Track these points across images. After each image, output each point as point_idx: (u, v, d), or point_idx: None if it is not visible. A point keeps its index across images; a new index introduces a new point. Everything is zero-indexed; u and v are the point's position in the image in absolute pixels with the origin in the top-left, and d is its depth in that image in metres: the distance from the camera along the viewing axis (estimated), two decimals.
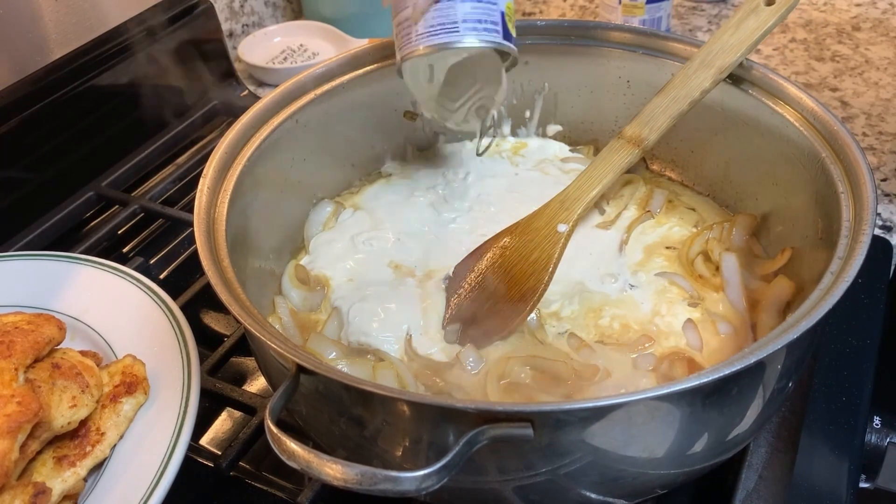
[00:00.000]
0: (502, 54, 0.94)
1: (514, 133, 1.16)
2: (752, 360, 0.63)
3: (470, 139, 1.11)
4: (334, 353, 0.86)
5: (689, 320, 0.87)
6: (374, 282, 0.94)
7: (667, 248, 0.97)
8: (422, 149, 1.15)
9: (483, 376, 0.83)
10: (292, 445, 0.61)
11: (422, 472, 0.59)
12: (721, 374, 0.63)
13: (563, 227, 0.91)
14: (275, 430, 0.62)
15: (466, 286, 0.91)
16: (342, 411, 0.72)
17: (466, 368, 0.84)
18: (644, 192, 1.06)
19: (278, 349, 0.67)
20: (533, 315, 0.87)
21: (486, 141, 1.05)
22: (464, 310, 0.89)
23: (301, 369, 0.67)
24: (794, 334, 0.65)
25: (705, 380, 0.62)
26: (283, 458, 0.62)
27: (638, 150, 0.95)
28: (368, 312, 0.89)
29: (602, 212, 1.03)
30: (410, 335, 0.87)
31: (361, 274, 0.96)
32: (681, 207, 1.04)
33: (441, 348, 0.87)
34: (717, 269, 0.93)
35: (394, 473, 0.59)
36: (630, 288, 0.91)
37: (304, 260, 1.00)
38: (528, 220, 0.94)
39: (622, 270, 0.94)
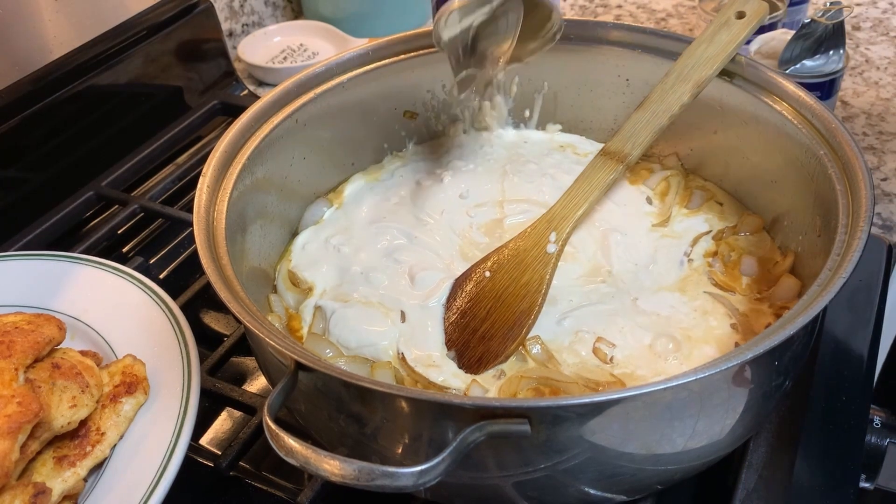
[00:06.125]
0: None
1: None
2: (749, 355, 0.63)
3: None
4: (332, 352, 0.86)
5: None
6: (353, 291, 0.93)
7: (685, 254, 0.97)
8: (421, 143, 1.15)
9: (494, 394, 0.83)
10: (290, 442, 0.61)
11: (419, 468, 0.59)
12: (717, 370, 0.63)
13: (552, 248, 0.90)
14: (273, 426, 0.62)
15: (457, 312, 0.90)
16: (341, 408, 0.72)
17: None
18: (683, 185, 1.05)
19: (277, 346, 0.68)
20: (538, 347, 0.85)
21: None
22: (456, 336, 0.88)
23: (300, 366, 0.68)
24: (790, 331, 0.65)
25: (701, 376, 0.62)
26: (282, 454, 0.62)
27: (622, 165, 0.95)
28: (352, 322, 0.88)
29: (650, 201, 1.03)
30: (403, 353, 0.86)
31: (339, 280, 0.95)
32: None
33: (454, 373, 0.85)
34: (726, 268, 0.93)
35: (391, 469, 0.59)
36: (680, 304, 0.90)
37: (292, 263, 1.00)
38: (514, 242, 0.93)
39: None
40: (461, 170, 1.08)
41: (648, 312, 0.88)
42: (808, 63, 1.23)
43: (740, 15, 0.97)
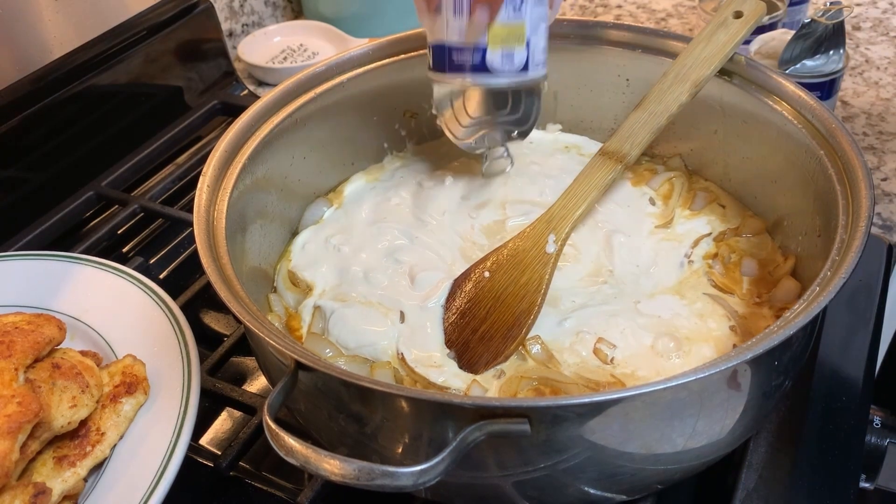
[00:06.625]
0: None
1: None
2: (749, 356, 0.63)
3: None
4: (331, 352, 0.86)
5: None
6: (352, 291, 0.92)
7: (686, 256, 0.97)
8: (422, 143, 1.15)
9: (494, 394, 0.83)
10: (290, 441, 0.61)
11: (419, 468, 0.59)
12: (717, 370, 0.63)
13: (551, 248, 0.90)
14: (273, 426, 0.62)
15: (457, 313, 0.90)
16: (341, 408, 0.72)
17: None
18: (687, 187, 1.05)
19: (277, 346, 0.68)
20: (538, 347, 0.85)
21: (498, 163, 1.05)
22: (456, 336, 0.88)
23: (299, 365, 0.68)
24: (789, 331, 0.65)
25: (701, 376, 0.62)
26: (282, 453, 0.62)
27: (620, 165, 0.95)
28: (351, 321, 0.88)
29: (653, 202, 1.03)
30: (402, 354, 0.86)
31: (339, 280, 0.95)
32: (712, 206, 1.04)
33: (454, 373, 0.85)
34: (726, 270, 0.93)
35: (391, 468, 0.59)
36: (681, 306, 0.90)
37: (291, 263, 1.00)
38: (513, 242, 0.93)
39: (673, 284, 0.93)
40: (463, 170, 1.08)
41: (649, 315, 0.88)
42: (808, 63, 1.23)
43: (738, 15, 0.97)
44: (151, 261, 1.18)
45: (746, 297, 0.90)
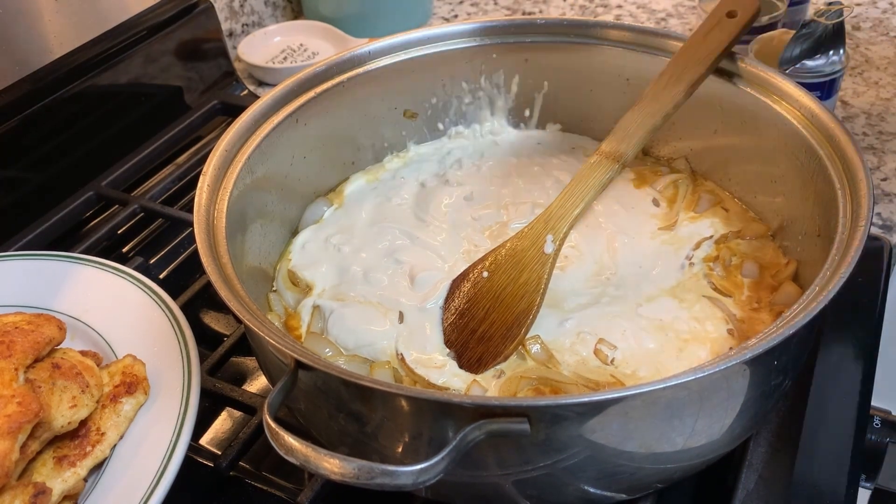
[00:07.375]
0: None
1: None
2: (748, 355, 0.63)
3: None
4: (331, 352, 0.86)
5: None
6: (352, 291, 0.93)
7: (687, 258, 0.97)
8: (421, 143, 1.15)
9: (493, 393, 0.83)
10: (290, 440, 0.61)
11: (418, 467, 0.59)
12: (716, 369, 0.63)
13: (549, 248, 0.90)
14: (273, 424, 0.62)
15: (455, 313, 0.90)
16: (341, 407, 0.72)
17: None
18: (692, 189, 1.05)
19: (277, 345, 0.68)
20: (538, 346, 0.85)
21: None
22: (455, 337, 0.88)
23: (300, 364, 0.68)
24: (789, 331, 0.65)
25: (700, 375, 0.62)
26: (282, 452, 0.62)
27: (617, 165, 0.95)
28: (350, 321, 0.88)
29: (657, 204, 1.02)
30: (402, 354, 0.86)
31: (339, 280, 0.95)
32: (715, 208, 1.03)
33: (454, 373, 0.85)
34: (727, 273, 0.93)
35: (391, 467, 0.59)
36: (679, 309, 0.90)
37: (291, 262, 1.00)
38: (511, 242, 0.93)
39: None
40: (465, 171, 1.08)
41: (650, 317, 0.88)
42: (808, 63, 1.23)
43: (731, 14, 0.97)
44: (151, 261, 1.17)
45: (745, 301, 0.90)
